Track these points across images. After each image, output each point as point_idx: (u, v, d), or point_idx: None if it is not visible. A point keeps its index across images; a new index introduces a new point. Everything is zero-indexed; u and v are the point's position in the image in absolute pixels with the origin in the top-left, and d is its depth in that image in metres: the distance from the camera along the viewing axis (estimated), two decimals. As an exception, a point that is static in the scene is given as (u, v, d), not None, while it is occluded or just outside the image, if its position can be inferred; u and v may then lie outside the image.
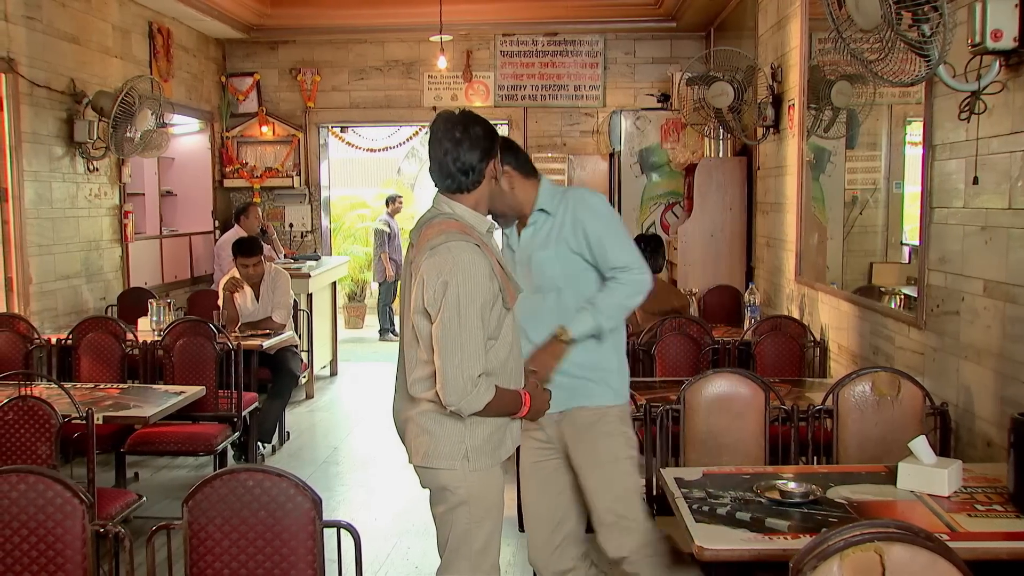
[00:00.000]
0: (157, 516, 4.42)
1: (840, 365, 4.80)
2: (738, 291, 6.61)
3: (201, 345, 5.08)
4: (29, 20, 5.90)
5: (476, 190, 2.60)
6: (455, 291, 2.41)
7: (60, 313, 6.23)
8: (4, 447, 3.57)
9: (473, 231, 2.53)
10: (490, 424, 2.58)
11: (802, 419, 3.53)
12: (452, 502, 2.57)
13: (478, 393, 2.44)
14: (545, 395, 2.75)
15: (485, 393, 2.46)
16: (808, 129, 5.31)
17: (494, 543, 2.65)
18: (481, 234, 2.56)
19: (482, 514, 2.59)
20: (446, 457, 2.55)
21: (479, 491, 2.58)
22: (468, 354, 2.42)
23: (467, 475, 2.55)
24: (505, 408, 2.57)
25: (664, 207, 8.07)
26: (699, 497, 2.65)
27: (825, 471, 3.03)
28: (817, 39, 5.20)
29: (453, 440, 2.55)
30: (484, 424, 2.56)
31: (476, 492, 2.57)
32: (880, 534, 1.86)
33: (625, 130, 8.02)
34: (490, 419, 2.56)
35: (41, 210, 6.03)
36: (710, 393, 3.50)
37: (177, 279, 8.27)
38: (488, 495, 2.60)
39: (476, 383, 2.44)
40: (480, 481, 2.57)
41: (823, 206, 5.54)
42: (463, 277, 2.42)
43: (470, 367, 2.42)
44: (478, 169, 2.57)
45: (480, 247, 2.50)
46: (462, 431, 2.55)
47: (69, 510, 2.34)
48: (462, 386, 2.42)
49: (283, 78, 9.29)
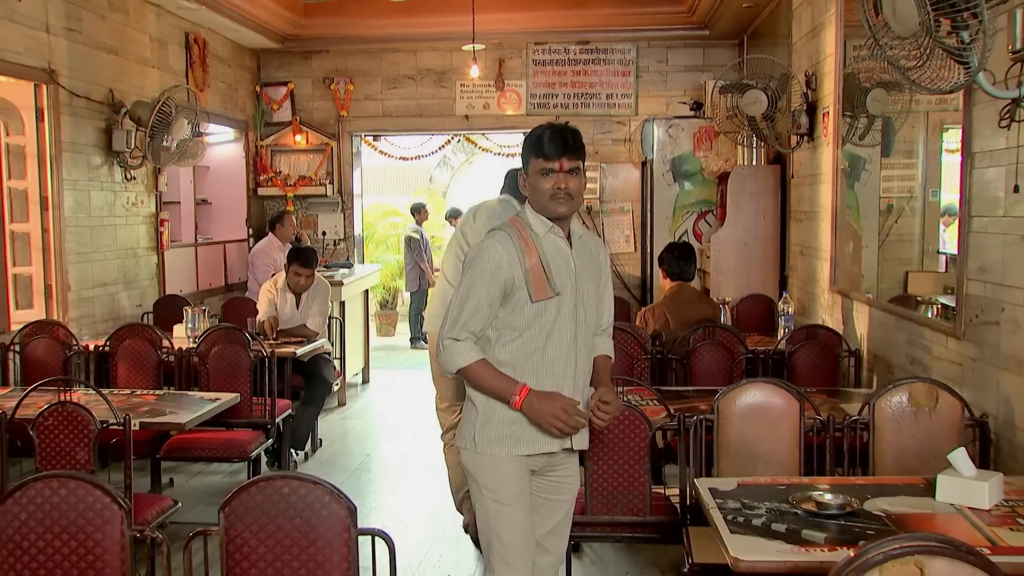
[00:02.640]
0: (192, 522, 4.46)
1: (876, 375, 4.75)
2: (771, 300, 6.56)
3: (236, 352, 5.12)
4: (70, 32, 6.00)
5: (526, 197, 2.87)
6: (468, 264, 2.78)
7: (98, 320, 6.31)
8: (44, 452, 3.63)
9: (526, 229, 2.76)
10: (500, 414, 2.74)
11: (838, 430, 3.48)
12: (472, 483, 2.82)
13: (449, 353, 2.72)
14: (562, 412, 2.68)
15: (457, 356, 2.71)
16: (843, 137, 5.26)
17: (516, 529, 2.75)
18: (535, 235, 2.75)
19: (501, 499, 2.75)
20: (463, 438, 2.83)
21: (491, 476, 2.76)
22: (452, 316, 2.73)
23: (475, 457, 2.77)
24: (490, 387, 2.72)
25: (697, 215, 8.04)
26: (734, 508, 2.63)
27: (861, 483, 2.99)
28: (852, 46, 5.16)
29: (468, 422, 2.82)
30: (495, 413, 2.75)
31: (488, 477, 2.76)
32: (921, 547, 1.84)
33: (657, 138, 8.00)
34: (501, 409, 2.73)
35: (80, 218, 6.13)
36: (744, 403, 3.47)
37: (212, 287, 8.35)
38: (501, 482, 2.75)
39: (448, 344, 2.72)
40: (490, 467, 2.75)
41: (858, 214, 5.49)
42: (478, 255, 2.74)
43: (448, 327, 2.73)
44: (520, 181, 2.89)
45: (518, 240, 2.73)
46: (475, 416, 2.79)
47: (108, 515, 2.36)
48: (437, 342, 2.79)
49: (317, 87, 9.37)
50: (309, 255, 6.33)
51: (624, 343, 5.00)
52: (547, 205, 2.74)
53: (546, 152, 2.72)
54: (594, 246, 2.92)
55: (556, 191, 2.73)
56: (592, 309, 2.85)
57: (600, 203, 9.04)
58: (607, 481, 3.52)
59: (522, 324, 2.73)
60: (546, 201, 2.74)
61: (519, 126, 9.24)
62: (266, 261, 7.79)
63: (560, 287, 2.72)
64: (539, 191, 2.75)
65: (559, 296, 2.72)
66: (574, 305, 2.76)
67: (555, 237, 2.78)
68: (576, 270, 2.78)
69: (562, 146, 2.71)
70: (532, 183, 2.77)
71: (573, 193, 2.74)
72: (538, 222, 2.78)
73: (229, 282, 8.74)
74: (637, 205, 9.00)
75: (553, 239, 2.77)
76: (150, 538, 2.40)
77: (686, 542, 3.36)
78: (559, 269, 2.74)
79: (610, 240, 9.01)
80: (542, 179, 2.73)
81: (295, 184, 9.26)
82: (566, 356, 2.76)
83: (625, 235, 9.08)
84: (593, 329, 2.87)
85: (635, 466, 3.51)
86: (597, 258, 2.92)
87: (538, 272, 2.70)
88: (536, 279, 2.70)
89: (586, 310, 2.81)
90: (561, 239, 2.79)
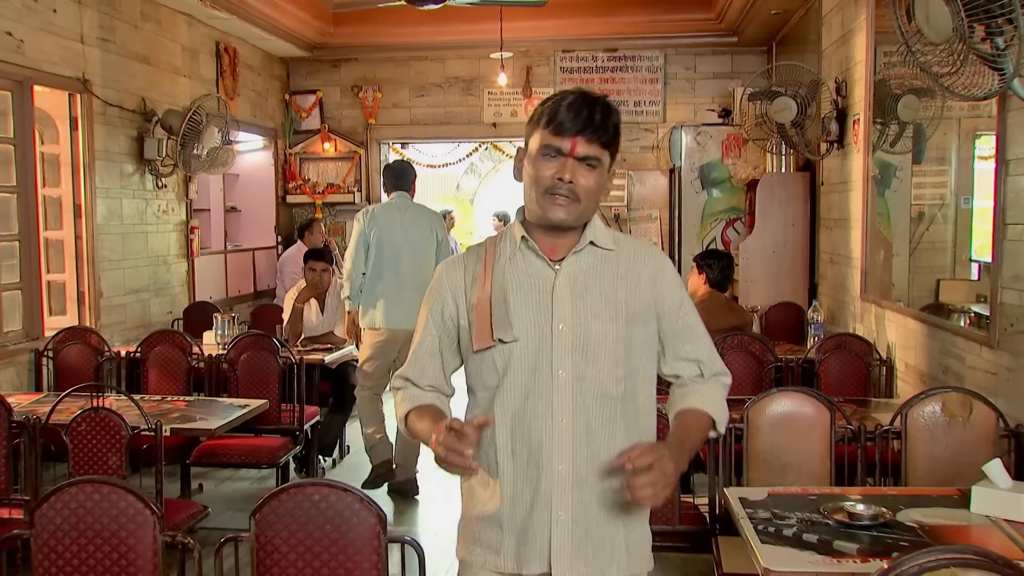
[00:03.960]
0: (221, 527, 4.50)
1: (908, 385, 4.70)
2: (801, 308, 6.53)
3: (265, 359, 5.15)
4: (103, 42, 6.09)
5: None
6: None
7: (129, 326, 6.38)
8: (77, 457, 3.67)
9: (493, 246, 1.99)
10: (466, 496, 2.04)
11: (869, 439, 3.46)
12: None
13: (395, 402, 2.09)
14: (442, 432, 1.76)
15: (396, 409, 2.07)
16: (874, 144, 5.22)
17: None
18: (500, 255, 1.97)
19: None
20: None
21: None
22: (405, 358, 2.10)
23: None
24: (424, 439, 1.93)
25: (725, 223, 8.01)
26: (764, 518, 2.60)
27: (894, 493, 2.96)
28: (883, 52, 5.12)
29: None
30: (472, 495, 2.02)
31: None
32: (956, 560, 1.81)
33: (686, 145, 7.98)
34: (465, 498, 2.03)
35: (112, 225, 6.20)
36: (774, 412, 3.45)
37: (241, 293, 8.42)
38: None
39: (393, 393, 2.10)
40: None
41: (888, 222, 5.44)
42: (432, 282, 2.06)
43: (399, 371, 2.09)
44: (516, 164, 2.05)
45: (475, 264, 1.99)
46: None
47: (141, 520, 2.39)
48: None
49: (345, 95, 9.43)
50: (321, 250, 6.52)
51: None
52: (539, 203, 1.89)
53: (558, 121, 1.84)
54: (643, 266, 1.97)
55: (556, 183, 1.87)
56: (610, 358, 1.90)
57: (628, 210, 9.03)
58: (635, 490, 3.49)
59: (493, 380, 1.94)
60: (538, 196, 1.89)
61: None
62: (294, 268, 7.84)
63: (518, 331, 1.88)
64: (533, 179, 1.89)
65: (515, 344, 1.89)
66: (552, 356, 1.88)
67: (530, 256, 1.94)
68: (566, 304, 1.89)
69: (583, 120, 1.84)
70: (528, 167, 1.91)
71: (581, 193, 1.87)
72: (514, 235, 1.97)
73: (258, 289, 8.81)
74: (665, 212, 8.97)
75: (525, 260, 1.94)
76: (181, 544, 2.41)
77: (715, 552, 3.34)
78: (526, 304, 1.90)
79: (637, 247, 8.98)
80: (541, 162, 1.88)
81: (323, 192, 9.32)
82: (545, 430, 1.89)
83: (653, 242, 9.05)
84: (617, 389, 1.91)
85: (664, 475, 3.48)
86: (643, 282, 1.96)
87: (483, 310, 1.91)
88: (479, 320, 1.92)
89: (595, 362, 1.89)
90: (540, 258, 1.93)
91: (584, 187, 1.86)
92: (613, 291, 1.93)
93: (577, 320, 1.89)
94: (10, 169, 5.31)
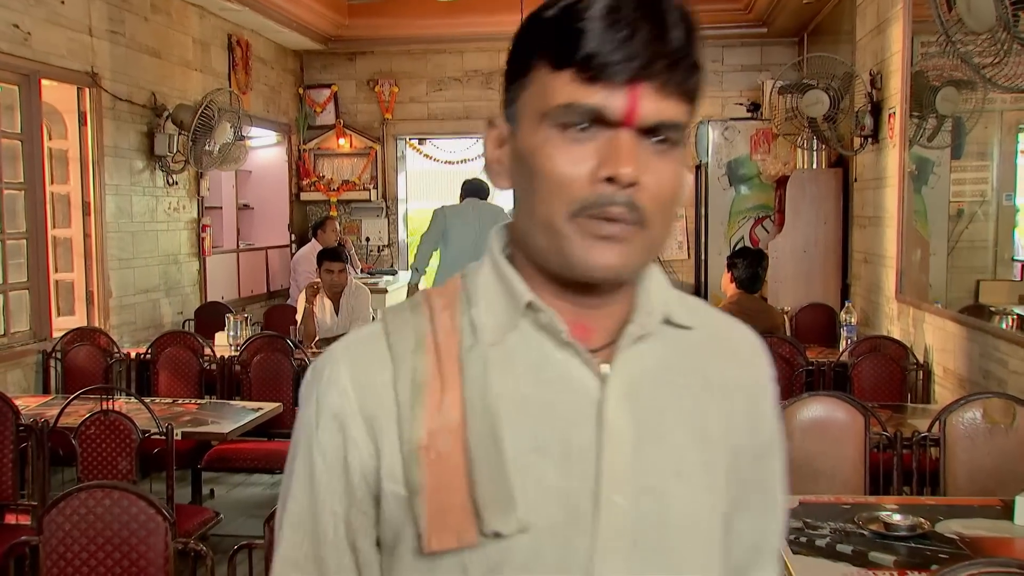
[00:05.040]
0: (233, 534, 4.51)
1: (946, 390, 4.66)
2: (833, 309, 6.49)
3: (278, 361, 5.17)
4: (113, 35, 6.13)
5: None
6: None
7: (139, 327, 6.43)
8: (87, 461, 3.69)
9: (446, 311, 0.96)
10: None
11: (906, 447, 3.43)
12: None
13: None
14: None
15: None
16: (910, 138, 5.18)
17: None
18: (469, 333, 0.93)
19: None
20: None
21: None
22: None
23: None
24: None
25: (753, 221, 7.97)
26: (796, 527, 2.59)
27: (932, 503, 2.93)
28: (920, 43, 5.08)
29: None
30: None
31: None
32: (999, 573, 1.80)
33: (712, 141, 7.94)
34: None
35: (121, 223, 6.24)
36: (805, 417, 3.43)
37: (253, 293, 8.46)
38: None
39: None
40: None
41: (925, 220, 5.40)
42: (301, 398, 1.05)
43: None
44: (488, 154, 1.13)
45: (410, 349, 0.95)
46: None
47: (152, 527, 2.40)
48: None
49: (360, 89, 9.46)
50: (335, 249, 6.55)
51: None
52: (562, 234, 0.87)
53: (592, 48, 0.84)
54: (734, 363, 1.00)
55: (603, 192, 0.85)
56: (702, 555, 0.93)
57: (652, 208, 8.98)
58: (661, 498, 3.48)
59: None
60: (560, 219, 0.87)
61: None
62: (308, 268, 7.87)
63: (528, 510, 0.86)
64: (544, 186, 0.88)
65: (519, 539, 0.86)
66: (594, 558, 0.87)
67: (543, 343, 0.91)
68: (627, 448, 0.89)
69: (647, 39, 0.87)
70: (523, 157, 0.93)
71: (651, 209, 0.87)
72: (496, 293, 0.94)
73: (271, 289, 8.85)
74: (691, 210, 8.93)
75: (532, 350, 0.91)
76: (194, 551, 2.43)
77: (745, 563, 3.32)
78: (542, 449, 0.88)
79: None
80: (561, 145, 0.87)
81: (338, 189, 9.34)
82: None
83: (678, 241, 9.02)
84: None
85: (691, 482, 3.47)
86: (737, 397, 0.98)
87: (446, 464, 0.87)
88: (438, 487, 0.87)
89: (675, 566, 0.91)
90: (565, 347, 0.90)
91: (656, 194, 0.88)
92: (703, 419, 0.95)
93: (647, 483, 0.90)
94: (17, 165, 5.35)
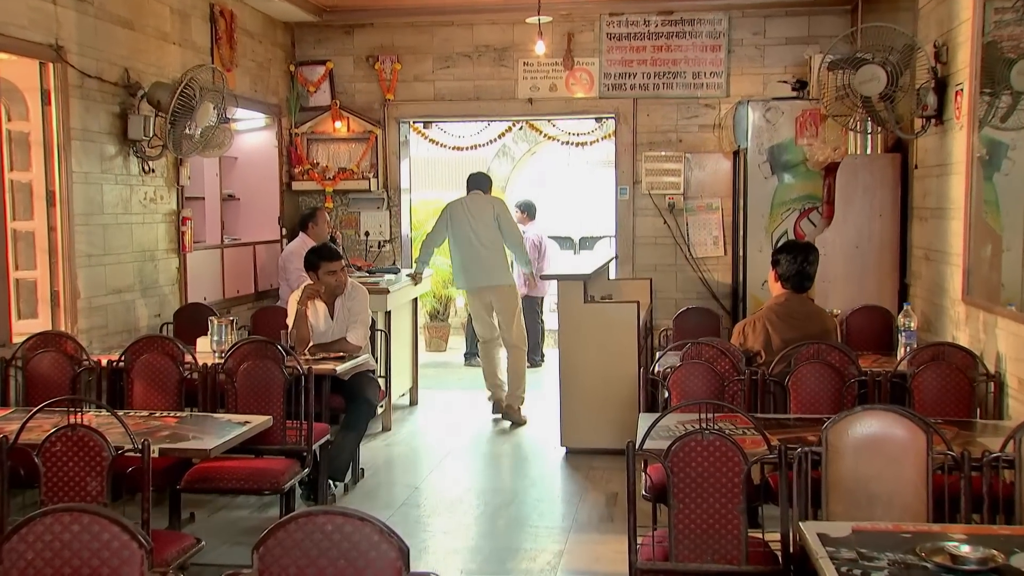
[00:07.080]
0: (216, 563, 4.52)
1: (1021, 404, 4.63)
2: (889, 313, 6.48)
3: (267, 369, 5.17)
4: (80, 3, 6.13)
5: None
6: None
7: (111, 331, 6.44)
8: (51, 482, 3.69)
9: None
10: None
11: (975, 468, 3.40)
12: None
13: None
14: None
15: None
16: (980, 119, 5.16)
17: None
18: None
19: None
20: None
21: None
22: None
23: None
24: None
25: (799, 213, 7.95)
26: (849, 559, 2.59)
27: (1006, 533, 2.92)
28: (993, 9, 5.05)
29: None
30: None
31: None
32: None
33: (753, 124, 7.92)
34: None
35: (91, 216, 6.25)
36: (858, 434, 3.43)
37: (240, 294, 8.47)
38: None
39: None
40: None
41: (997, 211, 5.37)
42: None
43: None
44: None
45: None
46: None
47: (127, 555, 2.39)
48: None
49: (359, 67, 9.46)
50: (329, 249, 6.59)
51: (714, 362, 4.95)
52: None
53: None
54: None
55: None
56: None
57: (684, 199, 8.97)
58: (695, 523, 3.47)
59: None
60: None
61: (590, 111, 9.22)
62: (300, 265, 7.86)
63: None
64: None
65: None
66: None
67: None
68: None
69: None
70: None
71: None
72: None
73: (259, 289, 8.85)
74: (727, 201, 8.91)
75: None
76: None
77: (790, 598, 3.31)
78: None
79: (695, 242, 8.94)
80: None
81: (334, 177, 9.35)
82: None
83: (713, 236, 9.00)
84: None
85: (728, 506, 3.46)
86: None
87: None
88: None
89: None
90: None
91: None
92: None
93: None
94: (-27, 150, 5.36)
